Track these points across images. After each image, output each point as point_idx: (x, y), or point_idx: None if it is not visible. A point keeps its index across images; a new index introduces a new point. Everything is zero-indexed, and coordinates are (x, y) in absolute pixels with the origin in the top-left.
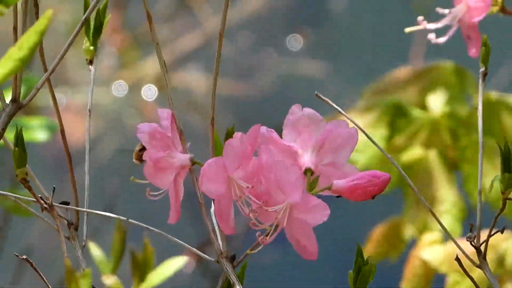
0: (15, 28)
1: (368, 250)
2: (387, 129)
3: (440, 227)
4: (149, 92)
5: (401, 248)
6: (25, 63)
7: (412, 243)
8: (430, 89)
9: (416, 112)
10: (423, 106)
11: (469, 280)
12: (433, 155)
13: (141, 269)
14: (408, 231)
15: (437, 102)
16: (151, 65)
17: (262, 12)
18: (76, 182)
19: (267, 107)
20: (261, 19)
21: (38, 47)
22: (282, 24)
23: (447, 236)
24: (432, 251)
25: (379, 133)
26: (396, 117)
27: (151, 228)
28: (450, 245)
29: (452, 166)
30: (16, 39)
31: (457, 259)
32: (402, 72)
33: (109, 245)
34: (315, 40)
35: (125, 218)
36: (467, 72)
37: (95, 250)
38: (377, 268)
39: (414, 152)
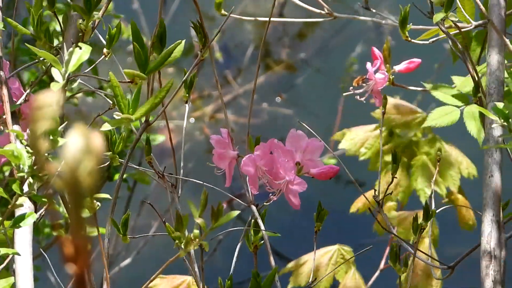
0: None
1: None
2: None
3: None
4: (205, 122)
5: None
6: (158, 104)
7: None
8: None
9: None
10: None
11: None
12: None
13: (216, 216)
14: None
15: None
16: (206, 109)
17: (263, 84)
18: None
19: (266, 130)
20: (262, 87)
21: (164, 98)
22: (271, 90)
23: (399, 204)
24: (390, 213)
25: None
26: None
27: (214, 187)
28: (401, 212)
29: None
30: (151, 91)
31: (369, 209)
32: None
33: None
34: (288, 98)
35: (201, 182)
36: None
37: (191, 204)
38: (362, 223)
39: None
